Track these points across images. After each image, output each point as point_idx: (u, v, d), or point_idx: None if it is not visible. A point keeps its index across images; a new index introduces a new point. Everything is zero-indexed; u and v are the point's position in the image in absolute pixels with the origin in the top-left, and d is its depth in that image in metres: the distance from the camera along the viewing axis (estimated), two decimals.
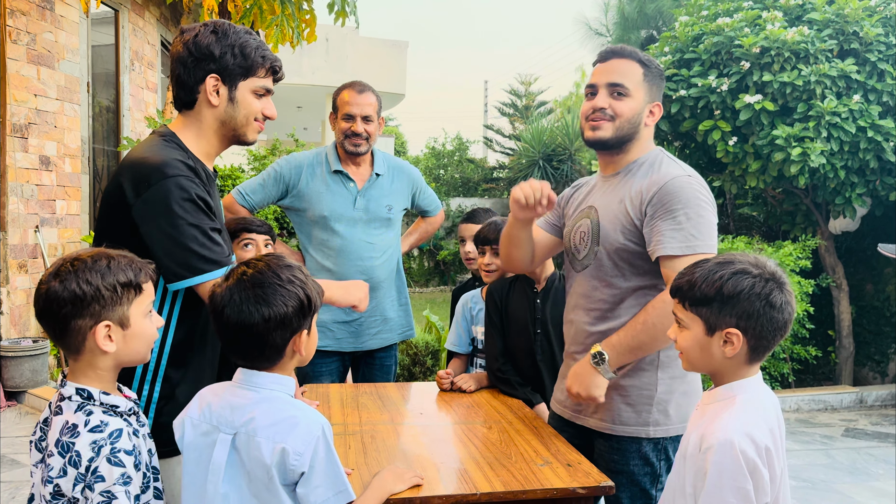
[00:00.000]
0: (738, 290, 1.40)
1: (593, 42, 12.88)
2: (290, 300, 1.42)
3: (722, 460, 1.35)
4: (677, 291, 1.50)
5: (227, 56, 1.74)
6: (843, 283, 6.46)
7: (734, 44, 5.63)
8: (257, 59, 1.78)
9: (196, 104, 1.78)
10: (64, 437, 1.35)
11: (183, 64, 1.75)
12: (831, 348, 6.63)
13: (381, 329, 2.97)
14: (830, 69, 5.31)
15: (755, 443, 1.36)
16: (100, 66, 6.37)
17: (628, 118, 1.97)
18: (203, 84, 1.75)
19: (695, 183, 1.90)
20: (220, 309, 1.42)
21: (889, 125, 5.26)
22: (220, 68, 1.75)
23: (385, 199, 2.96)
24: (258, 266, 1.45)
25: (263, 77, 1.81)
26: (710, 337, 1.44)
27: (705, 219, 1.86)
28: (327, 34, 13.94)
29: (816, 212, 6.33)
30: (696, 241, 1.83)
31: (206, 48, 1.73)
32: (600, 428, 1.99)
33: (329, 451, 1.41)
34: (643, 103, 1.98)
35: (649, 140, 2.04)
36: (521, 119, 16.84)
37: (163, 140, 1.74)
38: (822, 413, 5.86)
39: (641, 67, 1.98)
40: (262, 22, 4.72)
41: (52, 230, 5.51)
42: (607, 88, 1.98)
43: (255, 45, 1.78)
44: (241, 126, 1.81)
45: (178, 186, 1.63)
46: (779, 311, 1.41)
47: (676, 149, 6.78)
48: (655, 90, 2.01)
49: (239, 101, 1.78)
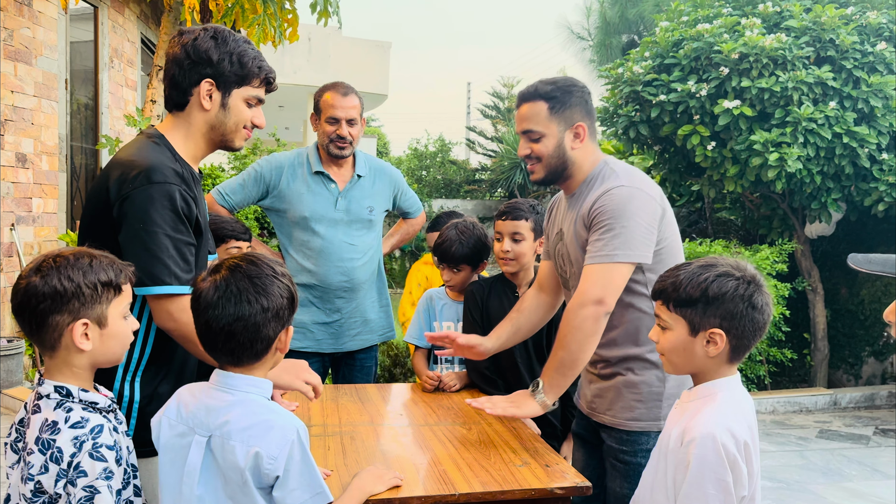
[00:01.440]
0: (722, 292, 1.45)
1: (575, 46, 12.98)
2: (284, 291, 1.44)
3: (704, 453, 1.39)
4: (661, 293, 1.53)
5: (225, 63, 1.76)
6: (819, 287, 6.55)
7: (713, 49, 5.69)
8: (253, 69, 1.80)
9: (187, 106, 1.79)
10: (44, 434, 1.34)
11: (179, 65, 1.76)
12: (806, 351, 6.73)
13: (361, 330, 2.97)
14: (807, 76, 5.40)
15: (735, 437, 1.40)
16: (78, 62, 6.30)
17: (550, 155, 2.03)
18: (197, 87, 1.76)
19: (625, 193, 1.94)
20: (214, 301, 1.40)
21: (864, 132, 5.35)
22: (216, 74, 1.76)
23: (366, 200, 2.96)
24: (248, 258, 1.46)
25: (257, 87, 1.83)
26: (694, 337, 1.48)
27: (629, 228, 1.89)
28: (310, 34, 13.89)
29: (793, 216, 6.42)
30: (616, 252, 1.88)
31: (205, 52, 1.75)
32: (614, 424, 2.02)
33: (304, 455, 1.40)
34: (558, 135, 2.02)
35: (591, 157, 2.07)
36: (503, 121, 16.90)
37: (151, 142, 1.75)
38: (797, 415, 5.94)
39: (546, 103, 2.02)
40: (243, 21, 4.70)
41: (29, 228, 5.44)
42: (524, 136, 2.07)
43: (252, 55, 1.80)
44: (230, 132, 1.82)
45: (161, 194, 1.63)
46: (759, 312, 1.46)
47: (656, 152, 6.85)
48: (571, 113, 2.03)
49: (231, 107, 1.80)
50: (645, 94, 6.03)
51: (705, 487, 1.38)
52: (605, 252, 1.89)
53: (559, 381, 1.93)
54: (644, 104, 6.15)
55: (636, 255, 1.89)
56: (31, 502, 1.33)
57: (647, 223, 1.92)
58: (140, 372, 1.71)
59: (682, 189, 7.30)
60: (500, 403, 1.94)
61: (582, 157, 2.05)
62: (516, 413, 1.93)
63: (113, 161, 1.72)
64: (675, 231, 2.04)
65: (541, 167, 2.05)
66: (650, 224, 1.93)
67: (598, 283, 1.88)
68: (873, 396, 6.23)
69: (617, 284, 1.89)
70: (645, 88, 6.05)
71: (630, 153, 8.23)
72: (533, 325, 2.28)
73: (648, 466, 1.60)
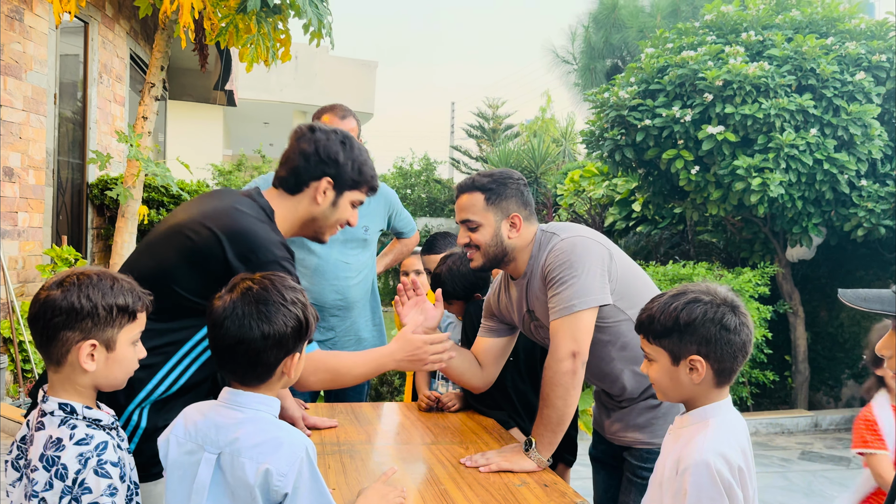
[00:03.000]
0: (692, 318, 1.46)
1: (560, 69, 13.14)
2: (290, 321, 1.44)
3: (699, 480, 1.40)
4: (640, 327, 1.57)
5: (347, 167, 1.89)
6: (800, 310, 6.66)
7: (698, 76, 5.82)
8: (368, 178, 1.94)
9: (300, 194, 1.89)
10: (49, 451, 1.35)
11: (306, 158, 1.87)
12: (788, 373, 6.82)
13: (355, 349, 2.98)
14: (789, 103, 5.53)
15: (729, 463, 1.41)
16: (66, 76, 6.29)
17: (488, 243, 2.10)
18: (317, 182, 1.87)
19: (566, 245, 2.01)
20: (221, 321, 1.43)
21: (844, 158, 5.49)
22: (337, 175, 1.88)
23: (361, 220, 2.97)
24: (263, 283, 1.47)
25: (364, 192, 1.96)
26: (676, 366, 1.50)
27: (579, 276, 1.96)
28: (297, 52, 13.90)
29: (774, 240, 6.54)
30: (573, 302, 1.94)
31: (334, 154, 1.87)
32: (638, 444, 2.06)
33: (313, 472, 1.42)
34: (495, 225, 2.09)
35: (530, 240, 2.13)
36: (487, 141, 17.04)
37: (265, 213, 1.83)
38: (779, 436, 6.01)
39: (482, 193, 2.09)
40: (237, 40, 4.73)
41: (14, 242, 5.40)
42: (463, 225, 2.14)
43: (370, 165, 1.95)
44: (328, 227, 1.95)
45: (287, 271, 1.73)
46: (735, 333, 1.46)
47: (640, 175, 6.95)
48: (507, 203, 2.10)
49: (339, 206, 1.92)
50: (630, 119, 6.13)
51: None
52: (564, 305, 1.95)
53: (550, 439, 1.97)
54: (629, 128, 6.25)
55: (593, 299, 1.95)
56: None
57: (595, 265, 1.98)
58: (157, 401, 1.72)
59: (665, 212, 7.41)
60: (494, 459, 1.97)
61: (521, 244, 2.12)
62: (512, 468, 1.94)
63: (226, 219, 1.73)
64: (628, 264, 2.10)
65: (479, 255, 2.12)
66: (599, 265, 1.99)
67: (566, 336, 1.94)
68: (853, 418, 6.32)
69: (584, 332, 1.95)
70: (630, 113, 6.16)
71: (615, 175, 8.35)
72: (459, 368, 2.27)
73: (647, 496, 1.62)
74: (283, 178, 1.90)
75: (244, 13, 4.54)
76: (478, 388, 2.32)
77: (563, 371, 1.92)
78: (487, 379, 2.31)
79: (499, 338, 2.30)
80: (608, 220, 9.02)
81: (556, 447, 1.98)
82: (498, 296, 2.27)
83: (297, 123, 2.10)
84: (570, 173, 10.31)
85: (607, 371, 2.10)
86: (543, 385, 1.97)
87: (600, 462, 2.29)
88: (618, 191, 8.74)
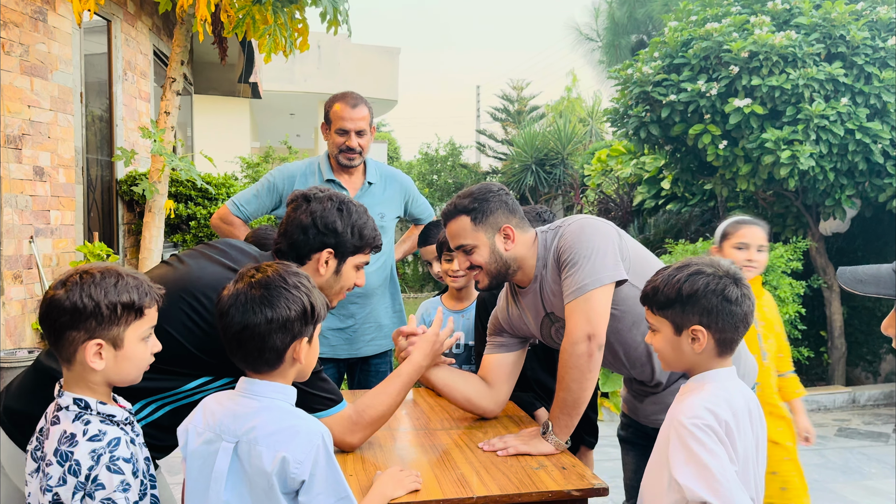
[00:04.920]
0: (695, 289, 1.52)
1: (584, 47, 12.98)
2: (294, 305, 1.46)
3: (685, 429, 1.45)
4: (645, 298, 1.62)
5: (347, 235, 1.88)
6: (835, 284, 6.51)
7: (723, 48, 5.68)
8: (369, 241, 1.93)
9: (302, 266, 1.87)
10: (62, 446, 1.37)
11: (304, 231, 1.86)
12: (823, 349, 6.68)
13: (375, 336, 3.00)
14: (818, 73, 5.37)
15: (716, 415, 1.46)
16: (92, 75, 6.38)
17: (488, 262, 2.07)
18: (318, 254, 1.87)
19: (574, 227, 2.00)
20: (226, 309, 1.45)
21: (877, 127, 5.32)
22: (338, 244, 1.88)
23: (377, 207, 2.98)
24: (267, 271, 1.49)
25: (367, 253, 1.95)
26: (679, 336, 1.56)
27: (591, 255, 1.93)
28: (319, 41, 13.98)
29: (807, 214, 6.39)
30: (585, 282, 1.91)
31: (332, 224, 1.87)
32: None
33: (329, 459, 1.43)
34: (489, 242, 2.06)
35: (530, 244, 2.10)
36: (513, 124, 16.91)
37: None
38: (815, 413, 5.90)
39: (467, 216, 2.06)
40: (254, 31, 4.74)
41: (47, 240, 5.52)
42: (458, 251, 2.11)
43: (371, 226, 1.94)
44: (334, 294, 1.95)
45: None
46: (736, 304, 1.52)
47: (667, 152, 6.84)
48: (494, 218, 2.06)
49: (343, 273, 1.92)
50: (655, 95, 6.02)
51: (696, 453, 1.43)
52: (576, 286, 1.92)
53: (567, 422, 1.95)
54: (654, 104, 6.14)
55: (606, 276, 1.92)
56: None
57: (606, 244, 1.95)
58: (177, 406, 1.73)
59: (695, 188, 7.28)
60: (512, 443, 1.96)
61: (521, 251, 2.08)
62: (530, 452, 1.93)
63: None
64: (637, 245, 2.08)
65: (483, 275, 2.09)
66: (610, 243, 1.96)
67: (581, 318, 1.90)
68: (893, 394, 6.18)
69: (599, 312, 1.90)
70: (655, 89, 6.04)
71: (641, 153, 8.23)
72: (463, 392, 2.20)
73: (651, 460, 1.64)
74: (283, 252, 1.89)
75: (260, 4, 4.55)
76: (490, 411, 2.22)
77: (578, 354, 1.89)
78: (499, 399, 2.22)
79: (509, 352, 2.23)
80: (637, 199, 8.89)
81: (572, 430, 1.97)
82: (507, 310, 2.23)
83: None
84: (597, 153, 10.18)
85: (635, 357, 2.08)
86: (559, 368, 1.94)
87: (630, 443, 2.28)
88: (646, 169, 8.61)
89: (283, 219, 1.92)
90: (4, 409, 1.65)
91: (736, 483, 1.41)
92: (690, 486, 1.41)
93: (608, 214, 9.50)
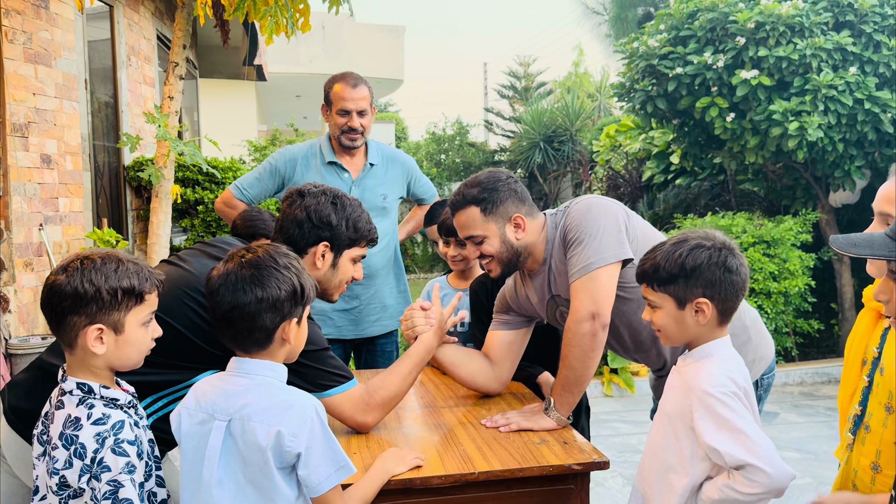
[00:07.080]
0: (698, 263, 1.55)
1: (591, 21, 12.84)
2: (284, 284, 1.47)
3: (718, 399, 1.49)
4: (643, 276, 1.63)
5: (342, 228, 1.90)
6: (845, 256, 6.46)
7: (729, 20, 5.61)
8: (364, 233, 1.95)
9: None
10: (67, 430, 1.39)
11: (299, 226, 1.88)
12: (834, 321, 6.66)
13: (380, 316, 3.01)
14: (826, 42, 5.30)
15: (735, 382, 1.52)
16: (96, 61, 6.38)
17: (499, 251, 2.06)
18: (314, 248, 1.89)
19: (581, 206, 2.00)
20: (217, 288, 1.47)
21: (886, 96, 5.25)
22: (333, 237, 1.90)
23: (380, 188, 2.99)
24: (258, 251, 1.50)
25: (363, 247, 1.96)
26: (682, 310, 1.58)
27: (597, 234, 1.93)
28: (323, 22, 13.89)
29: (816, 185, 6.34)
30: (591, 260, 1.91)
31: (326, 217, 1.88)
32: None
33: (325, 430, 1.45)
34: (499, 232, 2.05)
35: (539, 230, 2.09)
36: (520, 101, 16.79)
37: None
38: (825, 385, 5.89)
39: (477, 206, 2.04)
40: (255, 13, 4.72)
41: (56, 228, 5.56)
42: (469, 241, 2.10)
43: (366, 219, 1.96)
44: (333, 288, 1.96)
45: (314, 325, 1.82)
46: (736, 273, 1.57)
47: (675, 126, 6.78)
48: (505, 207, 2.05)
49: (339, 266, 1.94)
50: (661, 68, 5.96)
51: (728, 419, 1.47)
52: (581, 265, 1.91)
53: (568, 399, 1.96)
54: (661, 78, 6.08)
55: (611, 255, 1.91)
56: (58, 495, 1.38)
57: (612, 223, 1.94)
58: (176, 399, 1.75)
59: (704, 162, 7.23)
60: (514, 419, 1.97)
61: (531, 239, 2.08)
62: (532, 427, 1.95)
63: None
64: (644, 224, 2.07)
65: (495, 264, 2.09)
66: (616, 222, 1.95)
67: (585, 297, 1.89)
68: None
69: (604, 292, 1.90)
70: (661, 62, 5.98)
71: (649, 128, 8.16)
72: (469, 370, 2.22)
73: (652, 432, 1.66)
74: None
75: None
76: (493, 389, 2.23)
77: (581, 332, 1.89)
78: (502, 377, 2.23)
79: (514, 329, 2.23)
80: (646, 174, 8.83)
81: (574, 406, 1.98)
82: (515, 289, 2.23)
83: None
84: (605, 129, 10.10)
85: (642, 340, 2.08)
86: (563, 346, 1.95)
87: None
88: (655, 144, 8.54)
89: (279, 215, 1.94)
90: (11, 408, 1.68)
91: (769, 442, 1.47)
92: (730, 452, 1.44)
93: (617, 190, 9.45)
